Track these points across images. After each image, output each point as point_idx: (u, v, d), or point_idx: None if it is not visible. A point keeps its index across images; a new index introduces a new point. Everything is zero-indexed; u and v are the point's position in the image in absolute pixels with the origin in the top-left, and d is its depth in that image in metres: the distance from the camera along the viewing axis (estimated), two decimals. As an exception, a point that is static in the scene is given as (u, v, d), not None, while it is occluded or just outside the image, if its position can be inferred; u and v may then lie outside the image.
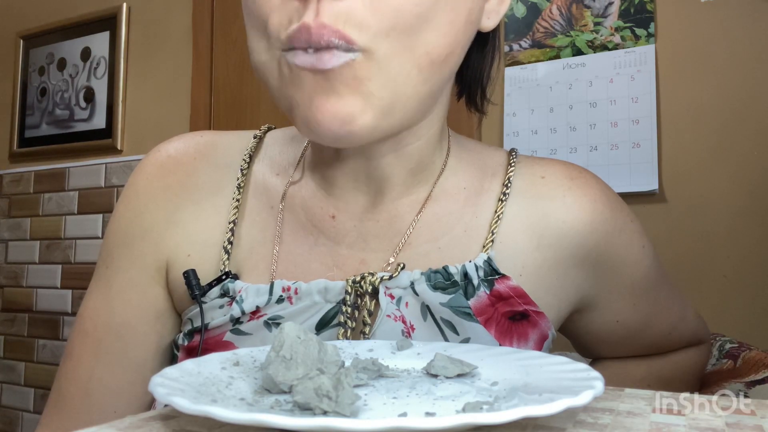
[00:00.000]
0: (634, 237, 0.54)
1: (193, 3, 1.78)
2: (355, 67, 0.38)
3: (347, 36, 0.37)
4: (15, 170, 2.06)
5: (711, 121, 1.17)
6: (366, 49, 0.38)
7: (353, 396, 0.27)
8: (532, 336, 0.50)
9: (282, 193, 0.52)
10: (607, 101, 1.25)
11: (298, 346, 0.32)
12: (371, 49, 0.38)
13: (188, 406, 0.25)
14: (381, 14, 0.38)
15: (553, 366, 0.35)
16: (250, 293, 0.48)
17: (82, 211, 1.90)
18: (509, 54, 1.36)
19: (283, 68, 0.40)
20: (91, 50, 1.92)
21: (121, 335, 0.52)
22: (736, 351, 0.66)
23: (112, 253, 0.53)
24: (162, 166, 0.54)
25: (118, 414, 0.51)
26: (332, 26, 0.37)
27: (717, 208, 1.15)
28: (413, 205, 0.50)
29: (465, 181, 0.52)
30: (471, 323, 0.47)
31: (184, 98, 1.77)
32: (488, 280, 0.48)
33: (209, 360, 0.36)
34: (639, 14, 1.24)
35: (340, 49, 0.37)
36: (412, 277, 0.47)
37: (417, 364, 0.39)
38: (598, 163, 1.25)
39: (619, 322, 0.56)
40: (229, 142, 0.56)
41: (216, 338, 0.49)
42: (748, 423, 0.28)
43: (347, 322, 0.46)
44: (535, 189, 0.52)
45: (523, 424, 0.28)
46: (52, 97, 1.99)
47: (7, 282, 2.03)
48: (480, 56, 0.52)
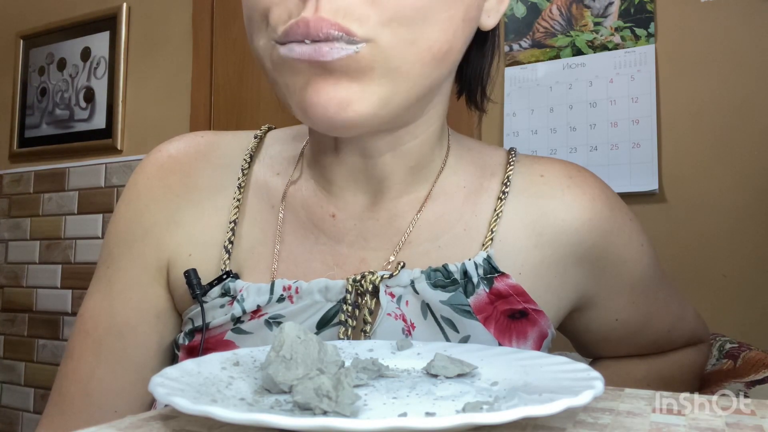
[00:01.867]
0: (633, 235, 0.54)
1: (193, 3, 1.78)
2: (358, 58, 0.38)
3: (347, 28, 0.37)
4: (15, 170, 2.06)
5: (711, 121, 1.17)
6: (368, 38, 0.38)
7: (353, 396, 0.27)
8: (531, 334, 0.50)
9: (282, 192, 0.53)
10: (607, 101, 1.25)
11: (298, 346, 0.32)
12: (374, 38, 0.38)
13: (188, 406, 0.25)
14: (380, 7, 0.38)
15: (553, 366, 0.35)
16: (250, 292, 0.48)
17: (82, 211, 1.90)
18: (509, 54, 1.36)
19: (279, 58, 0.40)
20: (91, 50, 1.92)
21: (122, 335, 0.52)
22: (736, 351, 0.66)
23: (112, 253, 0.53)
24: (162, 167, 0.54)
25: (119, 413, 0.51)
26: (331, 20, 0.37)
27: (717, 208, 1.15)
28: (413, 204, 0.50)
29: (464, 179, 0.52)
30: (470, 321, 0.47)
31: (184, 98, 1.77)
32: (488, 278, 0.48)
33: (209, 360, 0.36)
34: (639, 14, 1.24)
35: (342, 41, 0.37)
36: (412, 275, 0.48)
37: (417, 364, 0.39)
38: (598, 163, 1.25)
39: (619, 321, 0.56)
40: (229, 143, 0.56)
41: (217, 337, 0.49)
42: (748, 423, 0.28)
43: (348, 321, 0.46)
44: (535, 188, 0.52)
45: (523, 424, 0.28)
46: (52, 97, 1.99)
47: (7, 282, 2.03)
48: (480, 54, 0.53)
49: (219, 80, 1.74)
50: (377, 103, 0.40)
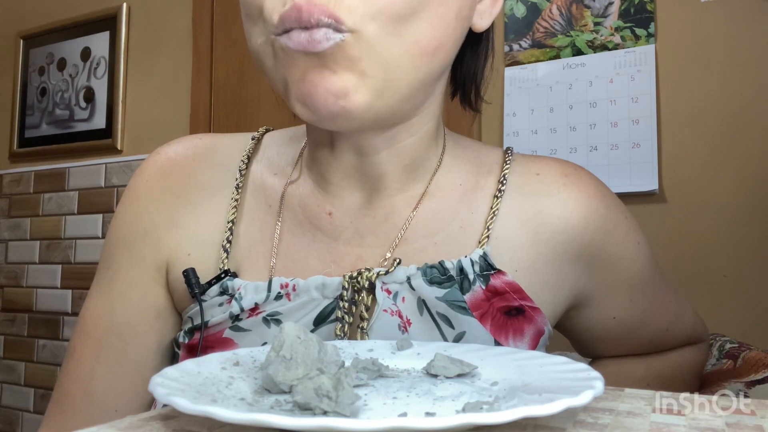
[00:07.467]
0: (629, 233, 0.54)
1: (193, 3, 1.78)
2: (344, 47, 0.39)
3: (336, 15, 0.38)
4: (15, 170, 2.06)
5: (711, 121, 1.17)
6: (353, 29, 0.38)
7: (353, 396, 0.27)
8: (527, 331, 0.50)
9: (280, 192, 0.53)
10: (607, 101, 1.25)
11: (298, 346, 0.32)
12: (358, 30, 0.39)
13: (188, 406, 0.25)
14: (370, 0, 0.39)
15: (552, 366, 0.35)
16: (248, 290, 0.48)
17: (82, 211, 1.90)
18: (509, 54, 1.36)
19: (277, 51, 0.41)
20: (91, 50, 1.92)
21: (122, 335, 0.52)
22: (736, 351, 0.66)
23: (113, 254, 0.54)
24: (161, 168, 0.54)
25: (119, 413, 0.52)
26: (323, 6, 0.38)
27: (717, 208, 1.15)
28: (409, 201, 0.51)
29: (461, 177, 0.53)
30: (466, 317, 0.48)
31: (184, 98, 1.77)
32: (484, 275, 0.48)
33: (209, 360, 0.36)
34: (639, 14, 1.24)
35: (330, 28, 0.38)
36: (408, 272, 0.48)
37: (417, 364, 0.39)
38: (598, 163, 1.25)
39: (616, 319, 0.57)
40: (227, 144, 0.57)
41: (216, 335, 0.49)
42: (748, 423, 0.28)
43: (344, 318, 0.46)
44: (530, 186, 0.52)
45: (523, 424, 0.28)
46: (52, 97, 1.99)
47: (7, 282, 2.03)
48: (474, 55, 0.53)
49: (219, 80, 1.74)
50: (373, 93, 0.40)
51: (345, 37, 0.38)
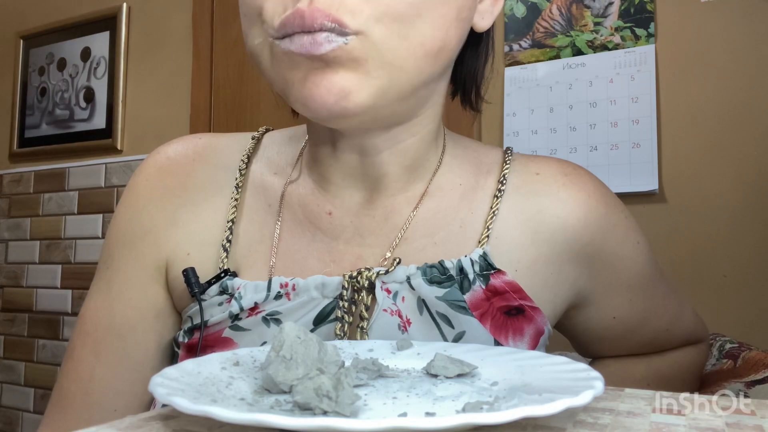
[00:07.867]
0: (628, 233, 0.54)
1: (193, 3, 1.78)
2: (348, 49, 0.39)
3: (340, 19, 0.38)
4: (15, 170, 2.06)
5: (711, 121, 1.17)
6: (359, 31, 0.38)
7: (353, 396, 0.27)
8: (527, 331, 0.50)
9: (280, 191, 0.53)
10: (607, 101, 1.25)
11: (298, 346, 0.32)
12: (364, 31, 0.39)
13: (188, 406, 0.25)
14: (374, 2, 0.39)
15: (552, 366, 0.35)
16: (248, 290, 0.48)
17: (82, 211, 1.90)
18: (509, 54, 1.36)
19: (276, 53, 0.41)
20: (91, 50, 1.92)
21: (122, 335, 0.52)
22: (736, 351, 0.66)
23: (112, 253, 0.54)
24: (161, 168, 0.54)
25: (119, 413, 0.51)
26: (325, 10, 0.38)
27: (717, 209, 1.15)
28: (409, 201, 0.51)
29: (460, 177, 0.53)
30: (466, 317, 0.48)
31: (184, 98, 1.77)
32: (484, 274, 0.48)
33: (209, 360, 0.36)
34: (639, 14, 1.24)
35: (334, 32, 0.38)
36: (408, 271, 0.48)
37: (417, 364, 0.39)
38: (598, 163, 1.25)
39: (616, 318, 0.57)
40: (227, 144, 0.57)
41: (215, 334, 0.49)
42: (748, 423, 0.28)
43: (344, 317, 0.46)
44: (530, 185, 0.52)
45: (523, 424, 0.28)
46: (52, 97, 1.99)
47: (7, 282, 2.03)
48: (474, 55, 0.53)
49: (219, 80, 1.74)
50: (375, 93, 0.40)
51: (349, 40, 0.38)
